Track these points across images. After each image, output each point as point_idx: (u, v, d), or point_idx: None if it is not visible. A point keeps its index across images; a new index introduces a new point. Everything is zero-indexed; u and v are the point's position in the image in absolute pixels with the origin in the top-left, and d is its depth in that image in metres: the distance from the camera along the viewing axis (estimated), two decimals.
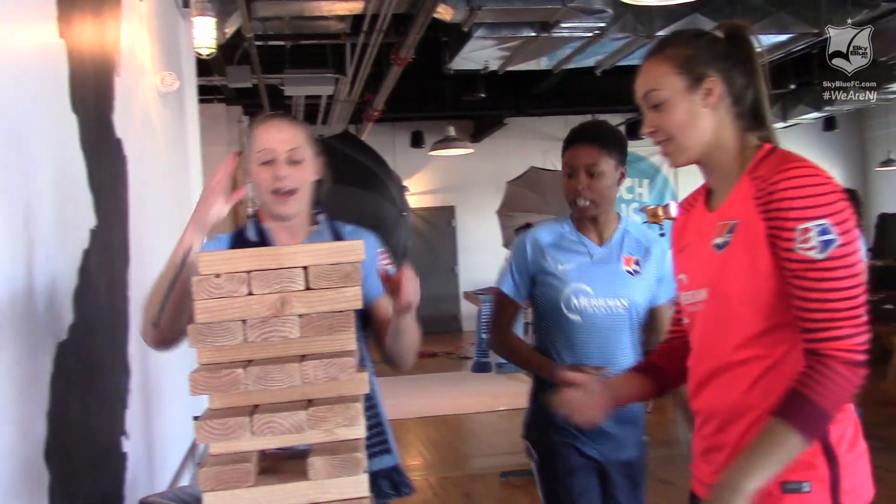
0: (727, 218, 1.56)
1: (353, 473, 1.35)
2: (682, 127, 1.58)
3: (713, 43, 1.60)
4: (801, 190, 1.43)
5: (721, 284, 1.54)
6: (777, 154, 1.55)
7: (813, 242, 1.41)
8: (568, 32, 6.90)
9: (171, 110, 4.40)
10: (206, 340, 1.38)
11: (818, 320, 1.42)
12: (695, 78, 1.56)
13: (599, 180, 2.42)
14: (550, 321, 2.50)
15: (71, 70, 2.34)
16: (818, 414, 1.39)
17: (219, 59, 6.89)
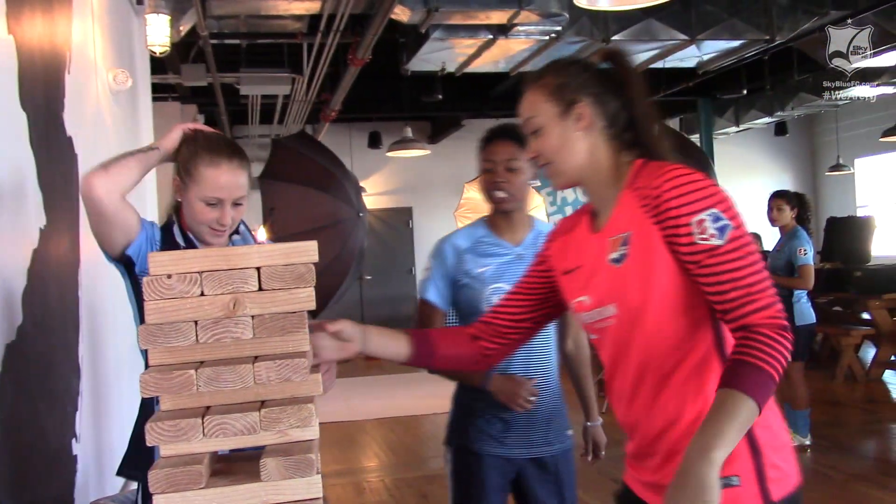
0: (618, 232, 1.62)
1: (306, 474, 1.34)
2: (557, 151, 1.67)
3: (584, 70, 1.69)
4: (683, 188, 1.51)
5: (627, 296, 1.60)
6: (650, 165, 1.62)
7: (711, 230, 1.49)
8: (524, 35, 6.94)
9: (124, 108, 4.34)
10: (157, 341, 1.36)
11: (736, 299, 1.49)
12: (566, 104, 1.65)
13: (517, 175, 2.51)
14: None
15: (20, 67, 2.30)
16: (764, 379, 1.44)
17: (173, 57, 6.82)
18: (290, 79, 7.88)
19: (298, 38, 7.07)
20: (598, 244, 1.67)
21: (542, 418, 2.54)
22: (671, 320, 1.57)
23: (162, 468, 1.33)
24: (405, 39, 7.57)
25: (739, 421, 1.42)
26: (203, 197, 1.96)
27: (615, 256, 1.61)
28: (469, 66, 7.92)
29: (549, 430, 2.56)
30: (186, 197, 2.00)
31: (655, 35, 7.32)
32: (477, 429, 2.54)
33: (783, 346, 1.46)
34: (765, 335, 1.45)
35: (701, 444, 1.42)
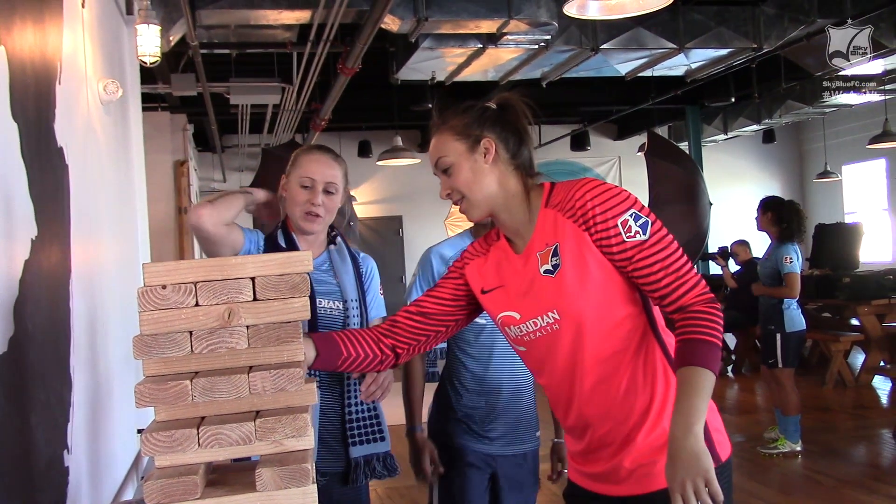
0: (545, 246, 1.76)
1: (301, 484, 1.35)
2: (469, 184, 1.80)
3: (484, 111, 1.83)
4: (602, 195, 1.70)
5: (568, 300, 1.72)
6: (560, 185, 1.80)
7: (635, 228, 1.67)
8: (514, 45, 6.98)
9: (114, 118, 4.34)
10: (151, 352, 1.37)
11: (669, 284, 1.68)
12: (473, 140, 1.80)
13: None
14: (460, 336, 2.63)
15: (11, 76, 2.29)
16: (713, 349, 1.63)
17: (163, 67, 6.82)
18: (280, 88, 7.89)
19: (288, 48, 7.07)
20: (524, 262, 1.80)
21: (517, 419, 2.64)
22: (611, 314, 1.73)
23: (157, 479, 1.33)
24: (395, 49, 7.60)
25: (705, 392, 1.60)
26: (299, 178, 2.29)
27: (548, 267, 1.75)
28: (459, 75, 7.95)
29: (523, 430, 2.65)
30: (289, 188, 2.32)
31: (644, 43, 7.37)
32: (457, 424, 2.64)
33: (717, 316, 1.66)
34: (700, 311, 1.65)
35: (682, 422, 1.58)
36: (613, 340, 1.73)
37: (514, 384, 2.63)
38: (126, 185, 4.75)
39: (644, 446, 1.72)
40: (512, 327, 1.83)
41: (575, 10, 3.97)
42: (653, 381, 1.74)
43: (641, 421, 1.73)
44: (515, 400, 2.64)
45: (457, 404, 2.66)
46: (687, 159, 8.39)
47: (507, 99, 1.86)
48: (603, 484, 1.80)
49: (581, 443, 1.84)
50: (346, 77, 7.27)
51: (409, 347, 1.94)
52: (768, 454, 5.60)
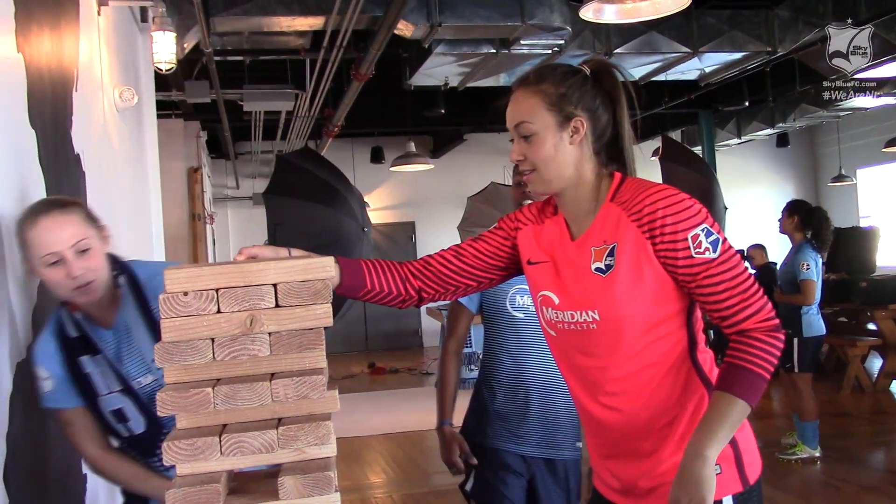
0: (602, 243, 1.68)
1: (324, 492, 1.33)
2: (546, 161, 1.69)
3: (584, 82, 1.70)
4: (675, 206, 1.61)
5: (613, 304, 1.65)
6: (630, 181, 1.71)
7: (705, 245, 1.60)
8: (527, 49, 6.96)
9: (130, 125, 4.35)
10: (173, 359, 1.35)
11: (733, 306, 1.61)
12: (564, 117, 1.68)
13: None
14: (496, 322, 2.65)
15: (29, 84, 2.30)
16: (757, 381, 1.58)
17: (177, 74, 6.83)
18: (293, 94, 7.90)
19: (302, 54, 7.08)
20: (578, 251, 1.72)
21: (554, 421, 2.59)
22: (653, 327, 1.66)
23: (179, 487, 1.32)
24: (408, 54, 7.60)
25: (731, 421, 1.57)
26: (41, 260, 1.82)
27: (600, 266, 1.67)
28: (471, 81, 7.94)
29: (561, 435, 2.60)
30: (39, 274, 1.87)
31: (657, 48, 7.34)
32: (493, 424, 2.62)
33: (775, 346, 1.60)
34: (757, 339, 1.59)
35: (696, 444, 1.56)
36: (648, 354, 1.67)
37: (554, 384, 2.55)
38: (141, 191, 4.76)
39: (668, 464, 1.67)
40: (548, 309, 1.76)
41: (591, 15, 3.95)
42: (683, 401, 1.69)
43: (664, 437, 1.69)
44: (550, 399, 2.59)
45: (492, 404, 2.64)
46: (701, 163, 8.35)
47: (605, 66, 1.74)
48: (624, 497, 1.77)
49: (598, 446, 1.81)
50: (360, 83, 7.27)
51: (434, 293, 1.85)
52: (787, 460, 5.56)
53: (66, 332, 1.93)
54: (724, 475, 1.64)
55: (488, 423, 2.63)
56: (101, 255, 1.91)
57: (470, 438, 2.66)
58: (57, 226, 1.81)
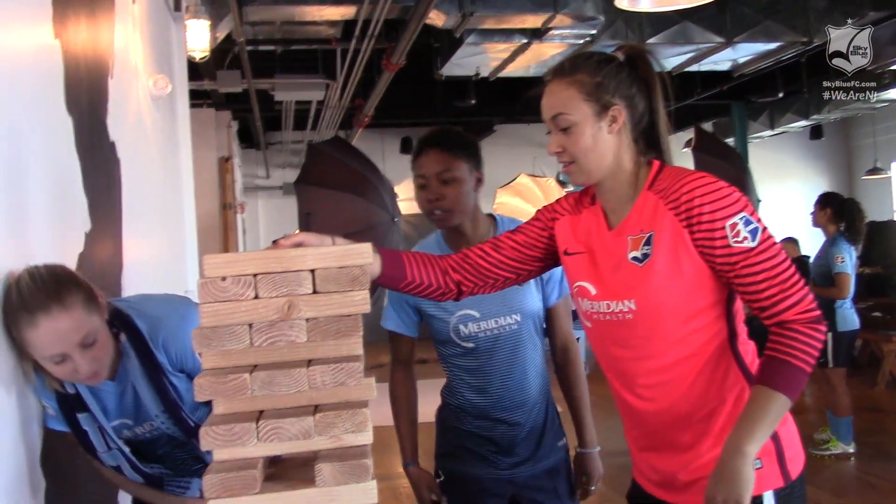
0: (639, 232, 1.65)
1: (361, 480, 1.32)
2: (586, 152, 1.66)
3: (619, 70, 1.68)
4: (713, 194, 1.58)
5: (650, 294, 1.63)
6: (668, 169, 1.68)
7: (744, 234, 1.56)
8: (559, 40, 6.92)
9: (163, 114, 4.37)
10: (211, 345, 1.35)
11: (772, 296, 1.57)
12: (602, 106, 1.65)
13: (454, 188, 2.26)
14: (448, 351, 2.38)
15: (66, 71, 2.31)
16: (798, 374, 1.54)
17: (209, 64, 6.86)
18: (324, 84, 7.91)
19: (333, 44, 7.09)
20: (615, 240, 1.70)
21: (529, 436, 2.36)
22: (690, 318, 1.63)
23: (216, 473, 1.31)
24: (439, 44, 7.57)
25: (771, 417, 1.54)
26: (43, 360, 1.72)
27: (637, 255, 1.65)
28: (503, 71, 7.90)
29: (540, 447, 2.38)
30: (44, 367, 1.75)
31: (691, 38, 7.26)
32: (464, 450, 2.38)
33: (816, 339, 1.56)
34: (798, 331, 1.55)
35: (736, 440, 1.53)
36: (686, 345, 1.64)
37: (523, 403, 2.33)
38: (174, 180, 4.79)
39: (707, 456, 1.64)
40: (585, 300, 1.74)
41: (626, 3, 3.90)
42: (722, 393, 1.66)
43: (704, 430, 1.66)
44: (528, 419, 2.35)
45: (461, 432, 2.39)
46: (735, 155, 8.26)
47: (640, 53, 1.72)
48: (664, 490, 1.74)
49: (637, 438, 1.79)
50: (390, 73, 7.27)
51: (473, 286, 1.83)
52: (820, 455, 5.49)
53: (65, 388, 1.83)
54: (764, 470, 1.61)
55: (458, 449, 2.39)
56: (106, 338, 1.78)
57: (442, 464, 2.43)
58: (60, 327, 1.66)
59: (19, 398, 1.75)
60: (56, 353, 1.69)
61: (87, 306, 1.71)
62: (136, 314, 1.88)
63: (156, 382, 1.88)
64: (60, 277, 1.71)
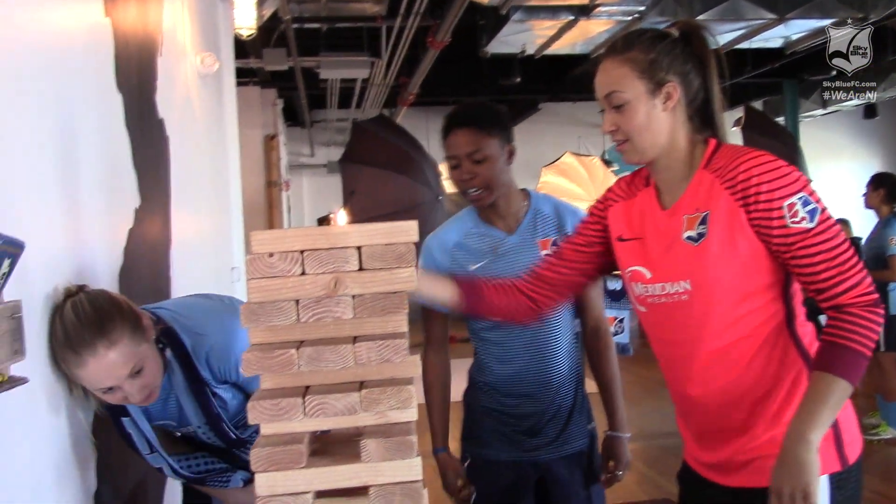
0: (694, 211, 1.63)
1: (406, 456, 1.33)
2: (640, 130, 1.64)
3: (673, 47, 1.65)
4: (771, 173, 1.55)
5: (705, 273, 1.61)
6: (725, 147, 1.65)
7: (802, 214, 1.53)
8: (606, 16, 6.83)
9: (210, 92, 4.40)
10: (259, 320, 1.36)
11: (829, 278, 1.53)
12: (656, 83, 1.63)
13: (486, 166, 2.23)
14: (479, 325, 2.34)
15: (116, 48, 2.34)
16: (858, 359, 1.51)
17: (255, 42, 6.90)
18: (370, 62, 7.91)
19: (378, 22, 7.08)
20: (669, 220, 1.67)
21: (556, 417, 2.32)
22: (746, 299, 1.60)
23: (263, 447, 1.33)
24: (484, 21, 7.52)
25: (833, 403, 1.51)
26: (93, 390, 1.72)
27: (693, 235, 1.62)
28: (549, 49, 7.82)
29: (567, 429, 2.33)
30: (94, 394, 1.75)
31: (742, 14, 7.11)
32: (490, 432, 2.35)
33: (874, 322, 1.52)
34: (855, 314, 1.52)
35: (799, 427, 1.51)
36: (742, 326, 1.62)
37: (551, 382, 2.30)
38: (220, 158, 4.84)
39: (763, 438, 1.63)
40: (639, 285, 1.72)
41: None
42: (779, 375, 1.63)
43: (760, 412, 1.63)
44: (556, 399, 2.31)
45: (487, 410, 2.36)
46: (785, 134, 8.11)
47: (694, 28, 1.69)
48: (716, 473, 1.71)
49: (690, 425, 1.77)
50: (435, 51, 7.25)
51: (548, 299, 1.86)
52: (869, 440, 5.40)
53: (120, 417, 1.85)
54: (821, 453, 1.56)
55: (484, 432, 2.36)
56: (155, 363, 1.76)
57: (468, 448, 2.41)
58: (108, 364, 1.65)
59: None
60: (105, 386, 1.68)
61: (132, 336, 1.68)
62: (181, 328, 1.87)
63: (199, 396, 1.89)
64: (103, 309, 1.66)
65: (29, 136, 1.64)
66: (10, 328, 1.28)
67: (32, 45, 1.71)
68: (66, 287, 1.70)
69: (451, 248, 2.32)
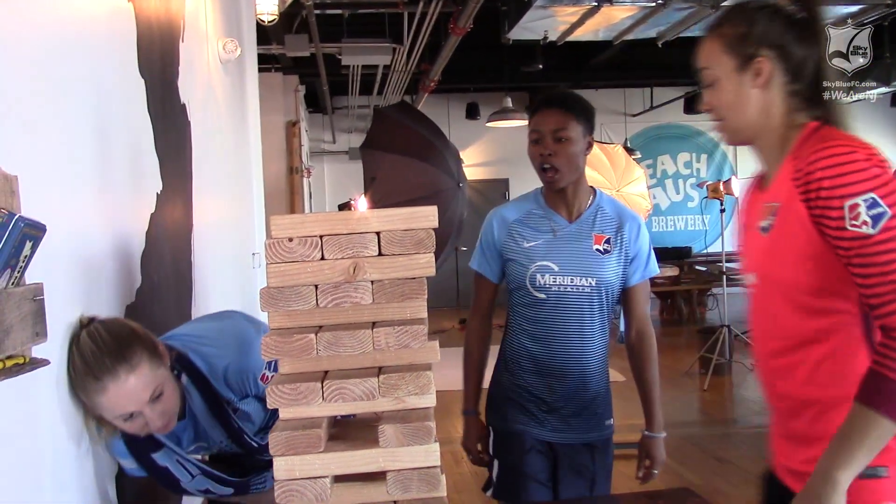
0: (771, 200, 1.54)
1: (424, 442, 1.34)
2: (730, 108, 1.57)
3: (772, 17, 1.54)
4: (837, 168, 1.40)
5: (767, 268, 1.55)
6: (819, 133, 1.50)
7: (863, 218, 1.37)
8: (630, 2, 6.76)
9: (232, 77, 4.41)
10: (278, 304, 1.37)
11: (882, 294, 1.38)
12: (745, 58, 1.54)
13: (567, 146, 2.33)
14: (519, 299, 2.44)
15: (139, 34, 2.34)
16: None
17: (277, 28, 6.90)
18: (391, 49, 7.89)
19: (400, 8, 7.06)
20: (757, 207, 1.61)
21: (581, 404, 2.40)
22: (812, 299, 1.48)
23: (282, 431, 1.34)
24: (507, 7, 7.48)
25: (870, 440, 1.36)
26: (113, 418, 1.68)
27: (764, 225, 1.55)
28: (571, 35, 7.77)
29: (589, 418, 2.41)
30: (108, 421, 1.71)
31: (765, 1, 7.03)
32: (516, 407, 2.43)
33: None
34: None
35: (826, 464, 1.39)
36: (805, 329, 1.50)
37: (579, 369, 2.38)
38: (242, 144, 4.85)
39: None
40: (743, 275, 1.66)
41: None
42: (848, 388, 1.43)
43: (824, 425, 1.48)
44: (581, 387, 2.39)
45: (514, 386, 2.45)
46: None
47: None
48: (794, 480, 1.57)
49: (772, 423, 1.66)
50: (457, 37, 7.22)
51: None
52: None
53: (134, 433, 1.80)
54: (892, 479, 1.45)
55: (510, 406, 2.45)
56: (172, 388, 1.75)
57: (491, 422, 2.50)
58: (129, 389, 1.63)
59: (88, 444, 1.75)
60: (126, 412, 1.66)
61: (151, 361, 1.68)
62: (194, 353, 1.86)
63: (218, 415, 1.89)
64: (121, 336, 1.66)
65: (52, 121, 1.65)
66: (32, 310, 1.29)
67: (55, 30, 1.71)
68: (79, 318, 1.68)
69: (511, 223, 2.44)
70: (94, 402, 1.63)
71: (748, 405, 6.49)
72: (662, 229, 13.69)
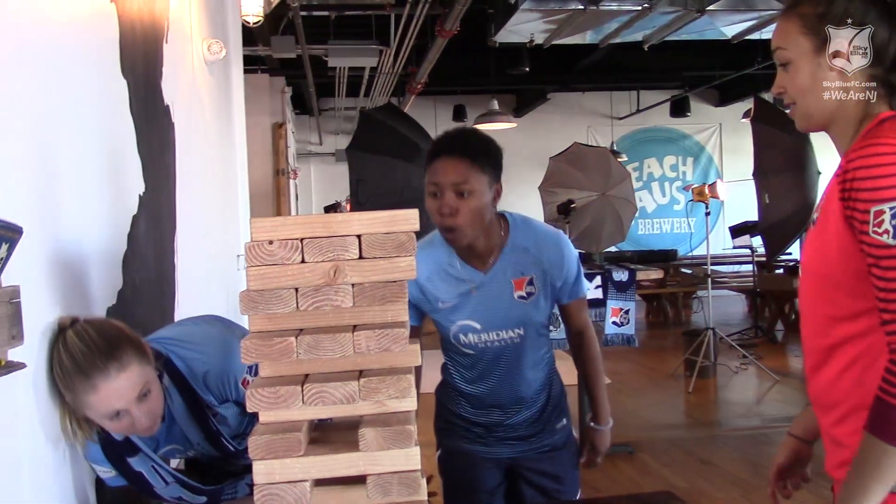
0: (827, 194, 1.46)
1: (405, 446, 1.33)
2: (804, 92, 1.48)
3: None
4: (873, 169, 1.31)
5: (808, 262, 1.49)
6: (885, 125, 1.41)
7: (886, 226, 1.29)
8: (616, 6, 6.79)
9: (217, 79, 4.40)
10: (258, 308, 1.36)
11: (894, 311, 1.31)
12: (823, 39, 1.45)
13: (470, 202, 2.04)
14: (449, 351, 2.35)
15: (121, 35, 2.33)
16: None
17: (263, 29, 6.89)
18: (378, 51, 7.89)
19: (387, 10, 7.06)
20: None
21: (524, 423, 2.34)
22: (849, 299, 1.41)
23: (262, 434, 1.33)
24: (493, 10, 7.49)
25: (882, 472, 1.30)
26: (100, 417, 1.68)
27: (814, 217, 1.50)
28: (557, 38, 7.79)
29: (537, 429, 2.36)
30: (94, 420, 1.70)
31: (753, 4, 7.07)
32: (462, 429, 2.38)
33: None
34: None
35: (845, 497, 1.34)
36: (841, 330, 1.42)
37: (522, 397, 2.31)
38: (227, 145, 4.83)
39: None
40: None
41: None
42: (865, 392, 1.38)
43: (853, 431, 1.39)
44: (527, 408, 2.33)
45: (456, 413, 2.38)
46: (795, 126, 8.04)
47: None
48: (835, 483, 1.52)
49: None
50: (444, 40, 7.22)
51: None
52: None
53: (111, 437, 1.79)
54: None
55: (453, 426, 2.39)
56: (158, 387, 1.74)
57: (440, 439, 2.44)
58: (119, 386, 1.63)
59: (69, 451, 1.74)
60: (114, 410, 1.65)
61: (139, 359, 1.67)
62: (175, 355, 1.86)
63: (197, 417, 1.88)
64: (110, 335, 1.65)
65: (32, 121, 1.64)
66: (9, 313, 1.28)
67: (36, 30, 1.70)
68: (58, 319, 1.66)
69: (422, 283, 2.20)
70: (83, 400, 1.62)
71: (733, 408, 6.51)
72: (648, 232, 13.73)
